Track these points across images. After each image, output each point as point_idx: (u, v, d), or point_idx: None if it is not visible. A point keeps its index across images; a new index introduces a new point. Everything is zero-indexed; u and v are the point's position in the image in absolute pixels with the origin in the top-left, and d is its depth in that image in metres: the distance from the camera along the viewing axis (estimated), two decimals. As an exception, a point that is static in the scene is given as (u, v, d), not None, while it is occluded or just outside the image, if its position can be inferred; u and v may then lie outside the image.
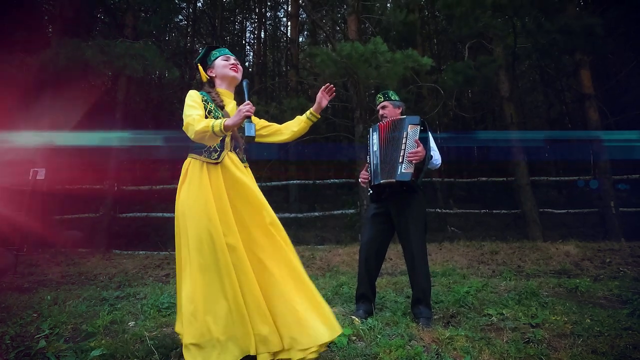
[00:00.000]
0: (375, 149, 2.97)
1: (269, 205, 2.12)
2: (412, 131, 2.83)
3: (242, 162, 2.22)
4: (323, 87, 2.48)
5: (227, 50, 2.40)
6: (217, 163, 2.10)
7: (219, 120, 1.95)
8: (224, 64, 2.30)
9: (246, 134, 1.95)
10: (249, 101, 2.02)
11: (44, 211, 8.48)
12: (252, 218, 2.06)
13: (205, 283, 1.95)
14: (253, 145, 2.44)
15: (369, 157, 3.03)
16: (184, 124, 2.03)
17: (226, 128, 1.93)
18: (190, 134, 2.00)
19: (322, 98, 2.46)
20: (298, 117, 2.47)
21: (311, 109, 2.45)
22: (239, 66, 2.35)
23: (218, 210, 2.02)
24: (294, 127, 2.43)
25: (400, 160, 2.79)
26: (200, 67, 2.37)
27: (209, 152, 2.11)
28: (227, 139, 2.16)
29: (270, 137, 2.45)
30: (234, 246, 1.98)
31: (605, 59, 11.48)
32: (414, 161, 2.76)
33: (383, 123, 3.02)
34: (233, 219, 2.03)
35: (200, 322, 1.90)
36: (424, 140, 2.83)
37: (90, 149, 11.69)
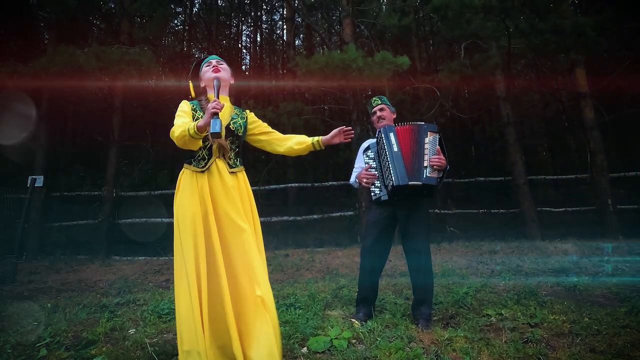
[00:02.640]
0: (395, 149, 2.87)
1: (242, 220, 2.09)
2: (432, 138, 2.86)
3: (233, 166, 2.21)
4: (343, 127, 2.44)
5: (212, 56, 2.42)
6: (203, 171, 2.13)
7: (193, 123, 2.00)
8: (205, 70, 2.33)
9: (210, 131, 1.94)
10: (216, 99, 2.05)
11: (42, 218, 8.48)
12: (228, 230, 2.08)
13: (186, 291, 1.97)
14: (250, 148, 2.44)
15: (388, 158, 2.87)
16: (170, 132, 2.09)
17: (199, 129, 1.97)
18: (175, 141, 2.06)
19: (337, 137, 2.42)
20: (303, 138, 2.42)
21: (321, 138, 2.41)
22: (221, 66, 2.33)
23: (203, 219, 2.05)
24: (295, 145, 2.38)
25: (425, 165, 2.81)
26: (190, 84, 2.40)
27: (198, 160, 2.16)
28: (214, 146, 2.17)
29: (266, 144, 2.43)
30: (215, 256, 2.00)
31: (600, 58, 11.52)
32: (436, 167, 2.80)
33: (400, 126, 2.95)
34: (216, 228, 2.05)
35: (194, 329, 1.90)
36: (441, 148, 2.87)
37: (88, 155, 11.71)
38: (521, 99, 15.83)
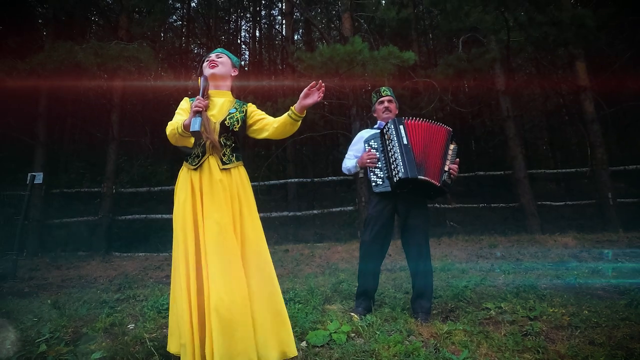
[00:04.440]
0: (405, 142, 2.81)
1: (225, 220, 2.04)
2: (454, 146, 2.90)
3: (227, 162, 2.16)
4: (313, 84, 2.18)
5: (216, 50, 2.39)
6: (195, 169, 2.13)
7: (181, 121, 2.03)
8: (205, 66, 2.31)
9: (190, 129, 1.94)
10: (200, 97, 2.06)
11: (42, 215, 8.48)
12: (209, 231, 2.04)
13: (181, 286, 1.98)
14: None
15: (397, 149, 2.82)
16: (166, 129, 2.13)
17: (185, 127, 2.00)
18: (168, 139, 2.11)
19: (307, 96, 2.18)
20: (283, 115, 2.29)
21: (293, 106, 2.22)
22: (219, 60, 2.30)
23: (194, 216, 2.06)
24: (275, 123, 2.26)
25: (445, 169, 2.83)
26: (199, 81, 2.34)
27: (192, 158, 2.16)
28: (207, 143, 2.14)
29: (257, 133, 2.34)
30: (201, 255, 2.00)
31: (600, 51, 11.48)
32: (452, 176, 2.84)
33: (412, 121, 2.89)
34: (203, 227, 2.03)
35: (182, 323, 1.90)
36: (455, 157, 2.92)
37: (87, 151, 11.69)
38: (521, 93, 15.80)
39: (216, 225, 2.01)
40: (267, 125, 2.29)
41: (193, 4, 17.70)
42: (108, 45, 7.63)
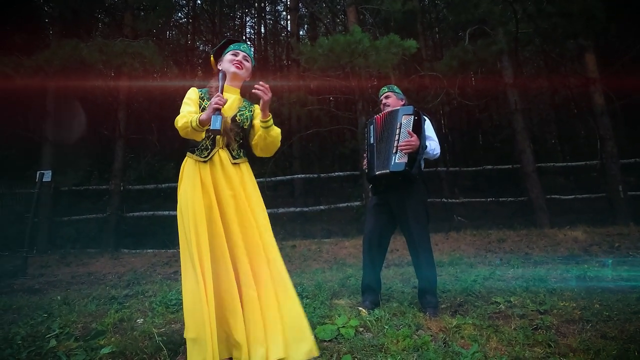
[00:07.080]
0: (372, 141, 2.93)
1: (247, 207, 2.09)
2: (406, 121, 2.77)
3: (236, 157, 2.17)
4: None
5: (242, 45, 2.35)
6: (205, 161, 2.11)
7: (196, 116, 1.99)
8: (229, 59, 2.27)
9: (210, 127, 1.91)
10: (219, 94, 2.01)
11: (52, 213, 8.56)
12: (236, 217, 2.08)
13: (192, 280, 1.97)
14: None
15: (367, 151, 3.00)
16: (175, 121, 2.09)
17: (201, 122, 1.96)
18: (178, 130, 2.07)
19: (262, 100, 2.11)
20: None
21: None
22: (246, 63, 2.29)
23: (206, 208, 2.04)
24: (256, 140, 2.25)
25: (394, 151, 2.75)
26: (212, 59, 2.35)
27: (201, 150, 2.14)
28: (218, 136, 2.13)
29: (254, 148, 2.31)
30: (219, 245, 2.01)
31: (610, 43, 11.31)
32: (405, 151, 2.71)
33: (379, 116, 2.97)
34: (219, 218, 2.04)
35: (195, 316, 1.90)
36: (417, 130, 2.77)
37: (95, 149, 11.76)
38: (529, 86, 15.62)
39: (237, 221, 2.06)
40: (255, 143, 2.26)
41: (198, 1, 17.70)
42: (112, 43, 7.64)
